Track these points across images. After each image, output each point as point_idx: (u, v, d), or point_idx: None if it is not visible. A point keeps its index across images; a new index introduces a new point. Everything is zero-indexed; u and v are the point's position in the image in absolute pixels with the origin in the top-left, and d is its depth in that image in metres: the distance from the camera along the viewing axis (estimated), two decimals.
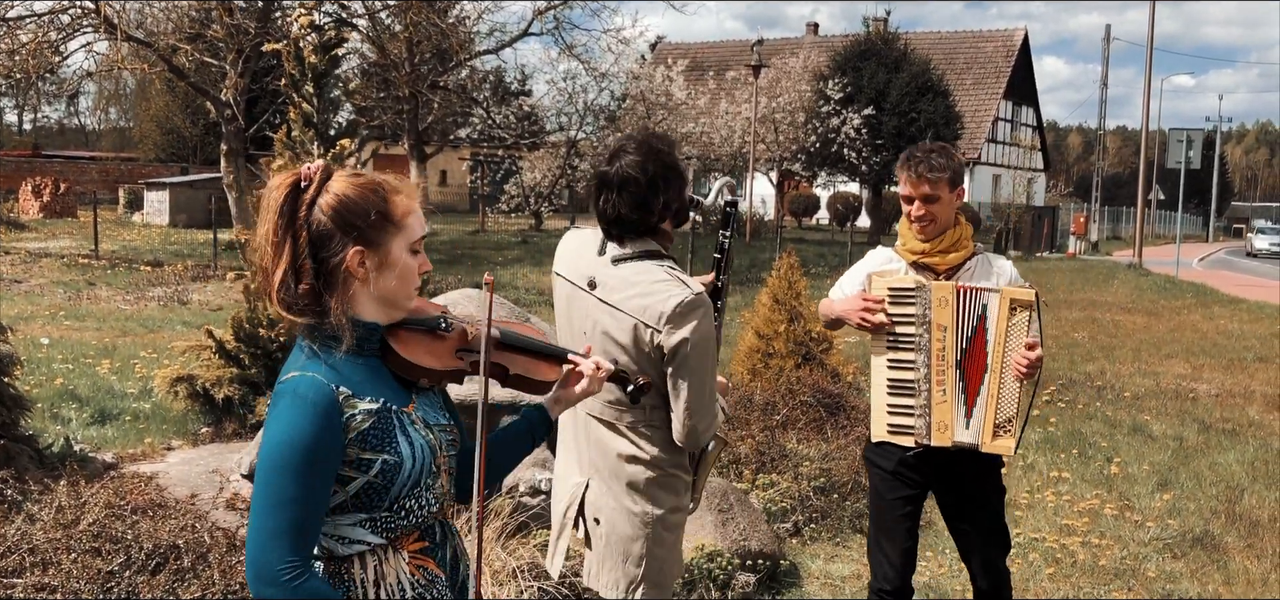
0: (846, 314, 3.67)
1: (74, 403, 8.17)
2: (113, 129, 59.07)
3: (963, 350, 3.52)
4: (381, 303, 2.05)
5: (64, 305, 14.18)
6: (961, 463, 3.63)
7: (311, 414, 1.90)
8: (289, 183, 1.98)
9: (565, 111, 34.04)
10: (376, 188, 2.03)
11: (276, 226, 1.96)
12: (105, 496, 4.61)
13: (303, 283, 1.96)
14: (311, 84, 7.94)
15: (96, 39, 20.86)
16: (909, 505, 3.74)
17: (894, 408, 3.63)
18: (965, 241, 3.65)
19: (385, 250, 2.01)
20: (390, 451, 1.99)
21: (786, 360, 8.33)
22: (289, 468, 1.87)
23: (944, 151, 3.61)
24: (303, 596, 1.86)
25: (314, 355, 1.98)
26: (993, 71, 48.80)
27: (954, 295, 3.50)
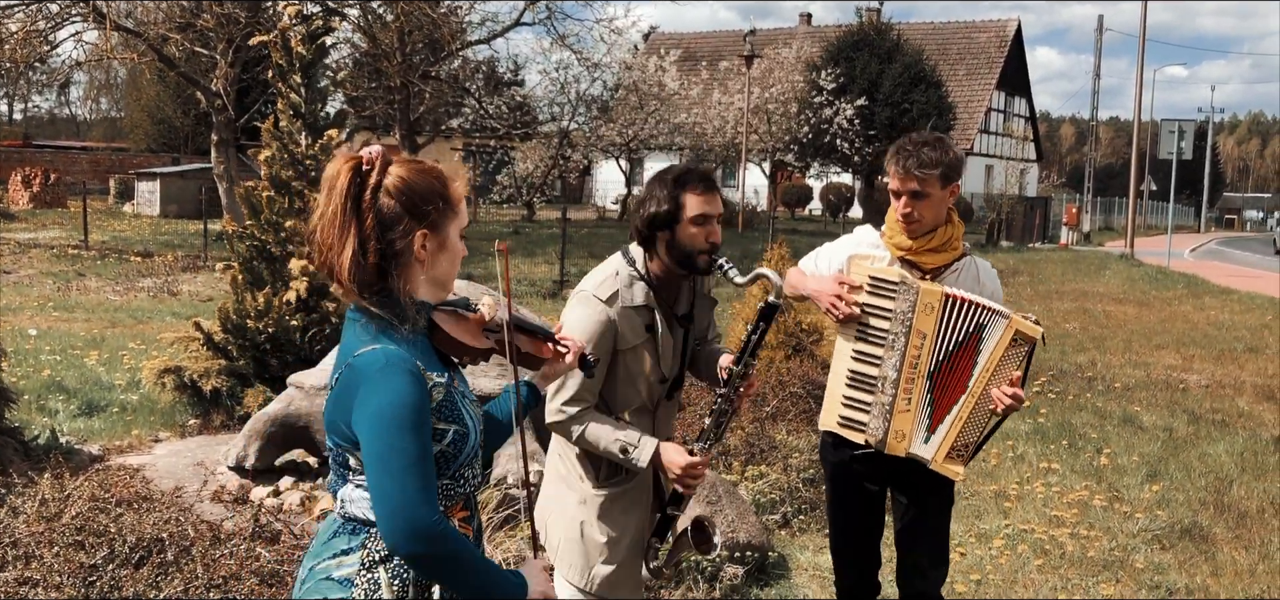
0: (817, 295, 3.42)
1: (61, 394, 8.14)
2: (104, 119, 58.86)
3: (938, 362, 3.28)
4: (435, 284, 2.16)
5: (53, 296, 14.12)
6: (915, 470, 3.41)
7: (411, 379, 2.00)
8: (351, 166, 2.06)
9: (557, 102, 34.01)
10: (437, 174, 2.14)
11: (342, 208, 2.05)
12: (89, 489, 4.59)
13: (370, 261, 2.05)
14: (299, 74, 7.90)
15: (85, 28, 20.75)
16: (869, 502, 3.58)
17: (850, 400, 3.40)
18: (955, 242, 3.42)
19: (444, 233, 2.13)
20: (459, 422, 2.11)
21: (776, 351, 8.32)
22: (410, 427, 1.97)
23: (938, 144, 3.34)
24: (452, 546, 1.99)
25: (377, 333, 2.07)
26: (985, 62, 48.80)
27: (940, 303, 3.26)
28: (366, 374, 2.01)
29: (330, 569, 2.09)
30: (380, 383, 1.99)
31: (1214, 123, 75.25)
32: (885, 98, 34.12)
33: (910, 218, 3.34)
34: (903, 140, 3.41)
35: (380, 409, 1.98)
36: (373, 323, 2.09)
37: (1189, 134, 29.02)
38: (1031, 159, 54.94)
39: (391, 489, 1.96)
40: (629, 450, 2.99)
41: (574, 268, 18.92)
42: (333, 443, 2.12)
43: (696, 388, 7.47)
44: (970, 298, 3.27)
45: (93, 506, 4.38)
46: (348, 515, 2.13)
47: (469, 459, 2.16)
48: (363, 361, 2.03)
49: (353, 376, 2.04)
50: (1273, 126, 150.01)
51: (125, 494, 4.85)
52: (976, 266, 3.48)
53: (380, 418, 1.97)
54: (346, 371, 2.06)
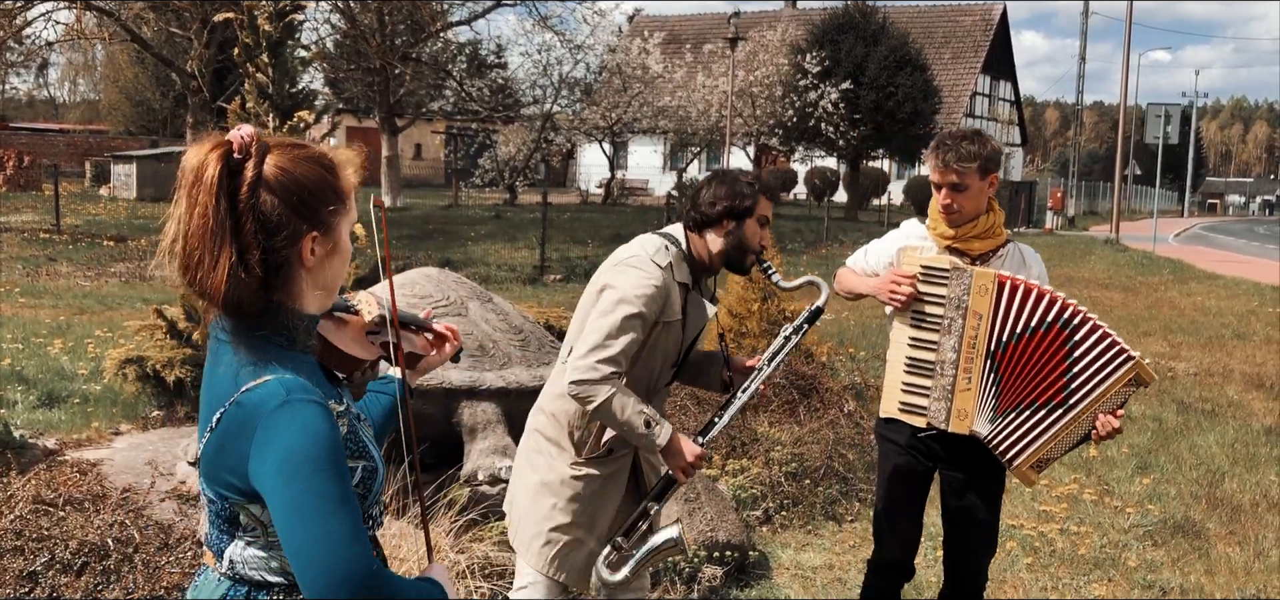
0: (877, 291, 3.54)
1: (20, 385, 7.87)
2: (82, 101, 58.22)
3: (1000, 341, 3.35)
4: (322, 291, 1.81)
5: (20, 282, 13.81)
6: (973, 452, 3.51)
7: (321, 410, 1.65)
8: (220, 155, 1.67)
9: (540, 84, 33.70)
10: (326, 162, 1.78)
11: (213, 210, 1.65)
12: (33, 489, 4.36)
13: (253, 275, 1.67)
14: (267, 53, 7.65)
15: (57, 7, 20.35)
16: (919, 482, 3.66)
17: (909, 386, 3.51)
18: (998, 229, 3.53)
19: (336, 234, 1.79)
20: (367, 457, 1.79)
21: (760, 340, 8.11)
22: (327, 466, 1.61)
23: (977, 138, 3.46)
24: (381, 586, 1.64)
25: (267, 358, 1.69)
26: (971, 46, 48.70)
27: (994, 285, 3.34)
28: (263, 412, 1.64)
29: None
30: (284, 420, 1.62)
31: (1197, 107, 75.41)
32: (870, 81, 33.91)
33: (950, 209, 3.46)
34: (943, 134, 3.52)
35: (290, 452, 1.61)
36: (252, 348, 1.70)
37: (1175, 118, 28.96)
38: (1016, 143, 54.92)
39: (316, 539, 1.59)
40: (652, 425, 2.92)
41: (555, 253, 18.69)
42: (214, 494, 1.74)
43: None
44: (1033, 283, 3.37)
45: (36, 508, 4.15)
46: (239, 577, 1.78)
47: (376, 496, 1.85)
48: (255, 398, 1.65)
49: (243, 416, 1.65)
50: (1255, 111, 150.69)
51: (75, 493, 4.61)
52: (1021, 252, 3.59)
53: (290, 461, 1.61)
54: (233, 410, 1.67)
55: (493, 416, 5.33)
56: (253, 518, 1.73)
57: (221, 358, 1.73)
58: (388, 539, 4.34)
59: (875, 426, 3.77)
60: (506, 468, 5.13)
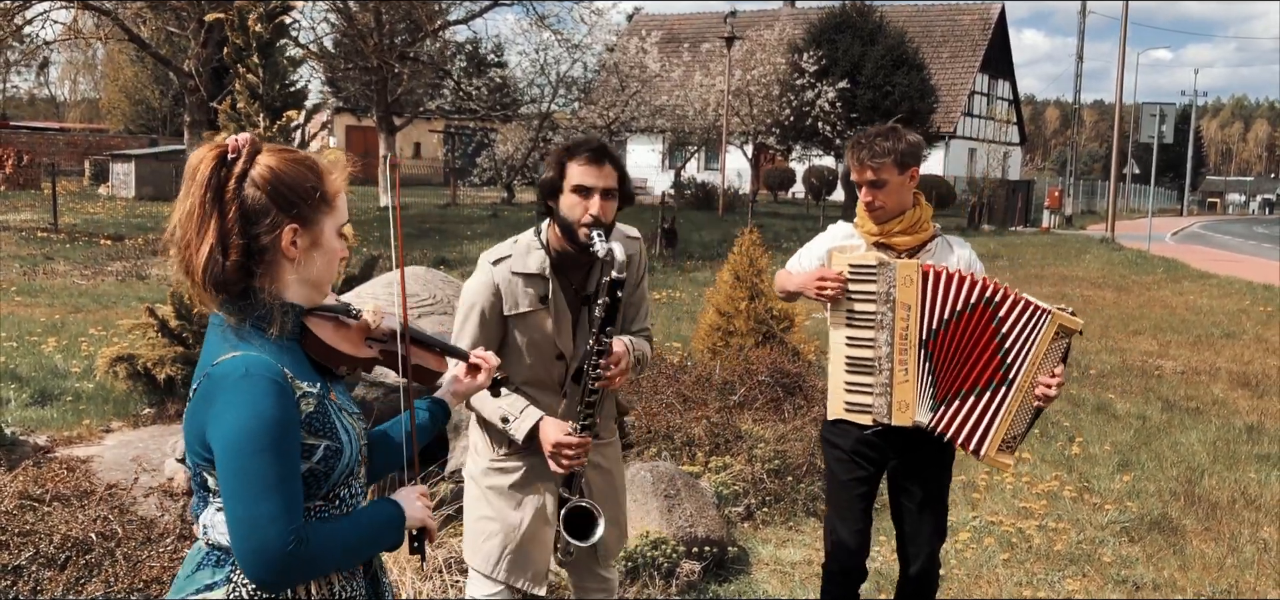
0: (804, 287, 3.59)
1: (13, 383, 7.94)
2: (82, 100, 58.30)
3: (931, 331, 3.42)
4: (307, 285, 1.98)
5: (17, 280, 13.87)
6: (919, 443, 3.57)
7: (274, 390, 1.81)
8: (215, 154, 1.89)
9: (538, 83, 33.76)
10: (311, 164, 1.96)
11: (202, 200, 1.86)
12: (20, 485, 4.43)
13: (230, 258, 1.86)
14: (257, 54, 7.71)
15: (55, 7, 20.42)
16: (865, 485, 3.70)
17: (852, 385, 3.55)
18: (925, 223, 3.59)
19: (318, 230, 1.96)
20: (332, 437, 1.93)
21: (747, 338, 8.19)
22: (268, 446, 1.79)
23: (892, 134, 3.52)
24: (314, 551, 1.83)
25: (242, 338, 1.88)
26: (969, 45, 48.70)
27: (917, 275, 3.41)
28: (224, 384, 1.81)
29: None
30: (237, 395, 1.79)
31: (1198, 106, 75.40)
32: (867, 80, 33.97)
33: (872, 205, 3.54)
34: (859, 133, 3.61)
35: (236, 425, 1.78)
36: (233, 327, 1.89)
37: (1170, 117, 29.00)
38: (1015, 142, 54.94)
39: (242, 515, 1.77)
40: (508, 421, 2.99)
41: None
42: (191, 461, 1.92)
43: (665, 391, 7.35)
44: (955, 269, 3.43)
45: (22, 503, 4.22)
46: (212, 543, 1.94)
47: (344, 476, 1.98)
48: (221, 370, 1.83)
49: (210, 387, 1.84)
50: (1256, 110, 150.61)
51: (62, 489, 4.68)
52: (949, 243, 3.65)
53: (235, 434, 1.78)
54: (204, 381, 1.86)
55: None
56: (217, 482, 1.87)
57: (211, 335, 1.93)
58: None
59: (821, 431, 3.82)
60: None
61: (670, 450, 6.34)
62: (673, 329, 11.60)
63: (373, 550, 2.00)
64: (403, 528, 2.03)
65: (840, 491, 3.72)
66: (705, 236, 22.72)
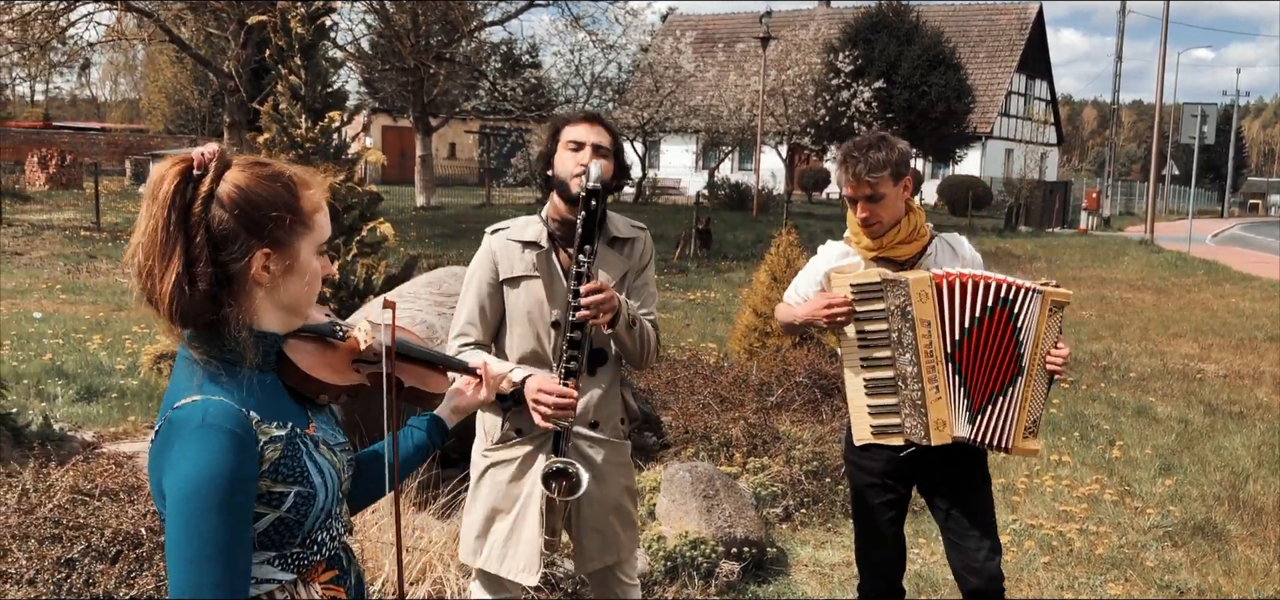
0: (812, 316, 3.42)
1: (60, 379, 8.07)
2: (123, 100, 59.06)
3: (955, 342, 3.27)
4: (283, 311, 1.82)
5: (62, 279, 14.09)
6: (952, 458, 3.44)
7: (229, 442, 1.66)
8: (179, 171, 1.71)
9: (572, 84, 33.82)
10: (285, 180, 1.79)
11: (165, 222, 1.68)
12: (71, 480, 4.50)
13: (198, 288, 1.69)
14: (299, 55, 7.80)
15: (98, 8, 20.70)
16: (896, 508, 3.59)
17: (876, 408, 3.37)
18: (921, 230, 3.46)
19: (293, 252, 1.79)
20: (303, 483, 1.78)
21: (784, 339, 8.18)
22: (215, 507, 1.62)
23: (883, 144, 3.37)
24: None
25: (209, 376, 1.72)
26: (1006, 45, 48.33)
27: (931, 287, 3.26)
28: (180, 431, 1.67)
29: None
30: (191, 445, 1.65)
31: (1240, 106, 74.35)
32: (904, 80, 33.82)
33: (869, 221, 3.40)
34: (848, 146, 3.43)
35: (185, 479, 1.63)
36: (201, 363, 1.73)
37: (1212, 118, 28.64)
38: (1052, 143, 54.45)
39: (186, 582, 1.61)
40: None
41: None
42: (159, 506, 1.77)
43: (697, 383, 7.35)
44: (965, 273, 3.30)
45: (73, 498, 4.29)
46: None
47: (321, 520, 1.84)
48: (179, 416, 1.68)
49: (168, 432, 1.69)
50: None
51: (111, 484, 4.76)
52: (948, 243, 3.54)
53: (185, 488, 1.63)
54: (164, 426, 1.71)
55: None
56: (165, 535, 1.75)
57: (176, 371, 1.78)
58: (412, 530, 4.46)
59: (845, 453, 3.66)
60: None
61: (707, 451, 6.35)
62: (708, 329, 11.61)
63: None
64: None
65: (872, 517, 3.60)
66: (739, 237, 22.69)
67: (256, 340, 1.77)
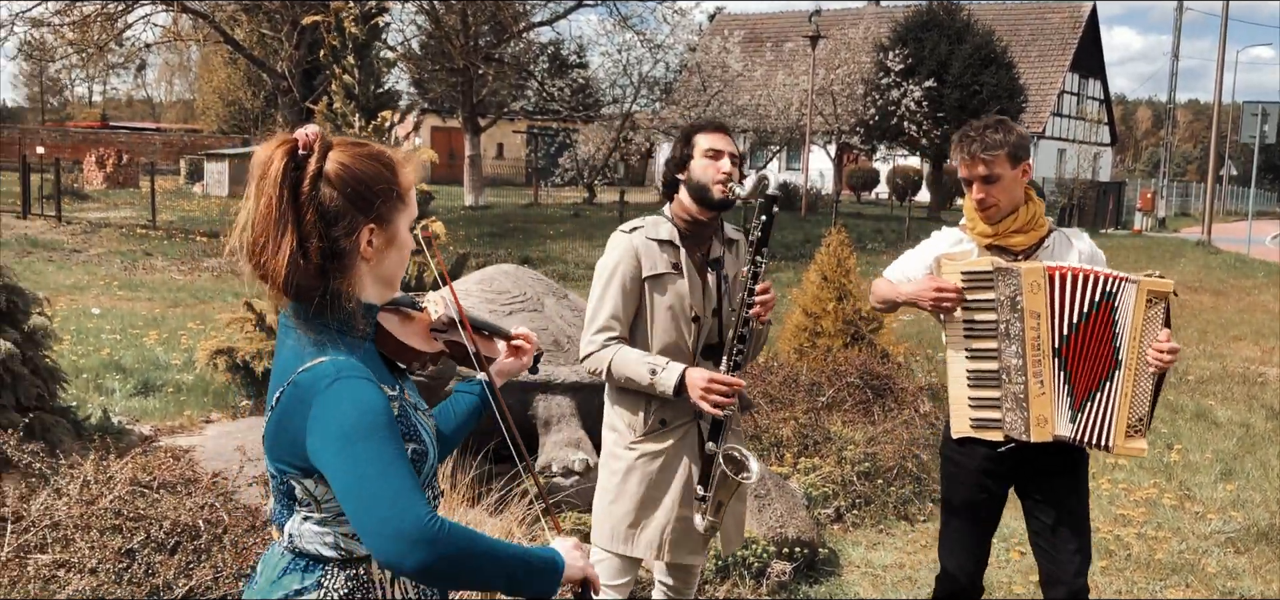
0: (918, 297, 3.35)
1: (118, 374, 8.21)
2: (178, 101, 60.09)
3: (1063, 337, 3.21)
4: (382, 283, 1.93)
5: (119, 275, 14.34)
6: (1050, 459, 3.35)
7: (369, 384, 1.76)
8: (285, 151, 1.80)
9: (619, 84, 33.85)
10: (385, 159, 1.89)
11: (277, 200, 1.78)
12: (130, 472, 4.56)
13: (311, 263, 1.79)
14: (352, 55, 7.87)
15: (155, 10, 21.05)
16: (987, 508, 3.51)
17: (978, 400, 3.32)
18: (1039, 220, 3.35)
19: (394, 227, 1.89)
20: (417, 440, 1.88)
21: (835, 339, 8.12)
22: (380, 430, 1.72)
23: (1001, 126, 3.29)
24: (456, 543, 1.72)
25: (324, 344, 1.81)
26: (1058, 43, 47.65)
27: (1045, 279, 3.19)
28: (317, 390, 1.75)
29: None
30: (336, 395, 1.74)
31: None
32: (954, 79, 33.44)
33: (985, 203, 3.30)
34: (966, 126, 3.35)
35: (342, 422, 1.72)
36: (312, 332, 1.82)
37: (1273, 116, 28.05)
38: (1105, 143, 53.64)
39: (373, 501, 1.69)
40: (656, 371, 3.08)
41: None
42: (275, 470, 1.86)
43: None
44: (1077, 267, 3.23)
45: (133, 490, 4.35)
46: (299, 551, 1.89)
47: (427, 479, 1.93)
48: (310, 377, 1.77)
49: (299, 395, 1.78)
50: None
51: (169, 477, 4.82)
52: (1067, 238, 3.42)
53: (343, 432, 1.71)
54: (290, 390, 1.79)
55: (567, 410, 5.44)
56: (308, 492, 1.84)
57: (285, 341, 1.87)
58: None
59: (942, 447, 3.60)
60: (579, 460, 5.23)
61: (758, 450, 6.32)
62: None
63: (519, 582, 1.83)
64: (559, 575, 1.87)
65: (960, 515, 3.54)
66: (787, 237, 22.57)
67: (364, 310, 1.88)
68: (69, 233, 19.00)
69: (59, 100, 63.19)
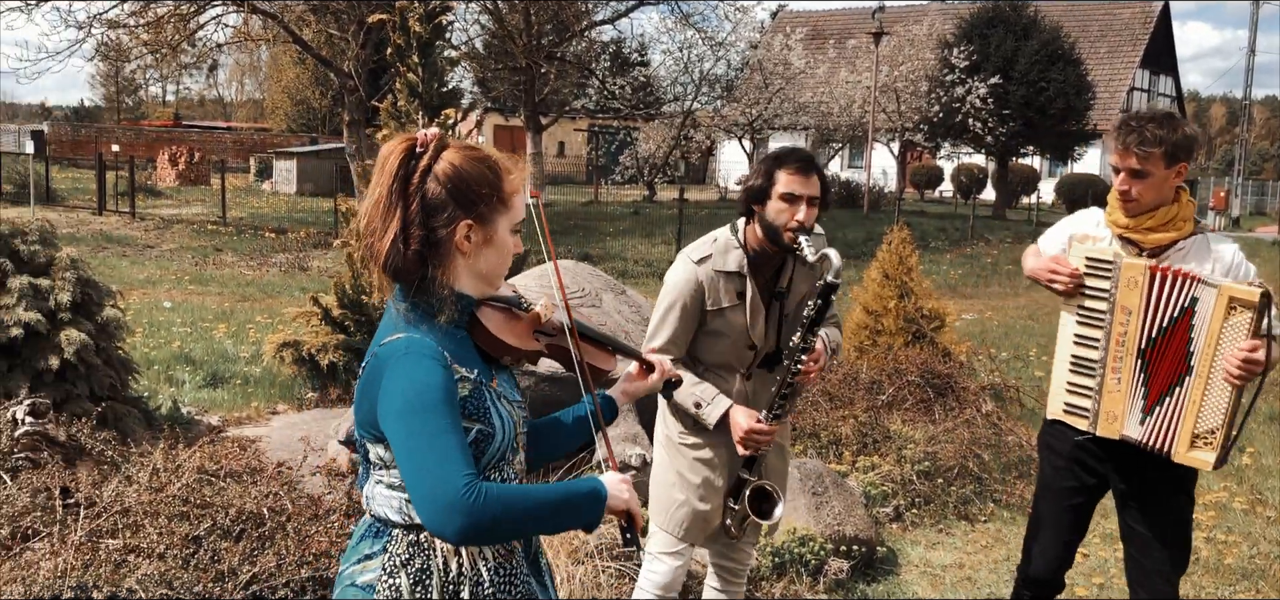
0: (1036, 273, 3.39)
1: (188, 365, 8.40)
2: (248, 100, 61.26)
3: (1150, 339, 3.14)
4: (478, 278, 2.06)
5: (190, 270, 14.67)
6: (1153, 463, 3.26)
7: (434, 361, 1.91)
8: (404, 147, 1.98)
9: (681, 81, 33.84)
10: (491, 164, 2.03)
11: (389, 190, 1.96)
12: (198, 460, 4.67)
13: (410, 248, 1.95)
14: (417, 53, 7.97)
15: (226, 11, 21.47)
16: (1078, 497, 3.45)
17: (1073, 386, 3.32)
18: (1182, 220, 3.21)
19: (493, 227, 2.03)
20: (484, 422, 2.00)
21: (896, 338, 8.05)
22: (433, 405, 1.86)
23: (1167, 121, 3.15)
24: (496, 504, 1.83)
25: (412, 323, 1.99)
26: (1129, 39, 46.71)
27: (1144, 277, 3.13)
28: (389, 361, 1.93)
29: (355, 574, 2.03)
30: (401, 368, 1.90)
31: None
32: (1020, 76, 32.92)
33: (1127, 196, 3.20)
34: (1129, 115, 3.27)
35: (402, 393, 1.88)
36: (404, 313, 2.01)
37: None
38: None
39: (420, 472, 1.84)
40: (701, 406, 3.22)
41: None
42: (359, 434, 2.03)
43: None
44: (1181, 269, 3.12)
45: (200, 478, 4.46)
46: (374, 514, 2.05)
47: (495, 460, 2.04)
48: (386, 350, 1.95)
49: (377, 366, 1.95)
50: None
51: (235, 466, 4.93)
52: (1207, 243, 3.24)
53: (402, 399, 1.88)
54: (371, 362, 1.98)
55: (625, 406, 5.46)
56: (380, 457, 2.00)
57: (384, 320, 2.06)
58: None
59: (1041, 432, 3.56)
60: (636, 454, 5.25)
61: (816, 448, 6.29)
62: None
63: (564, 521, 1.99)
64: (602, 505, 2.01)
65: (1049, 499, 3.49)
66: (850, 235, 22.40)
67: (455, 299, 2.01)
68: (142, 228, 19.46)
69: (134, 100, 64.78)
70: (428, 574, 1.98)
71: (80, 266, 5.91)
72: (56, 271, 5.79)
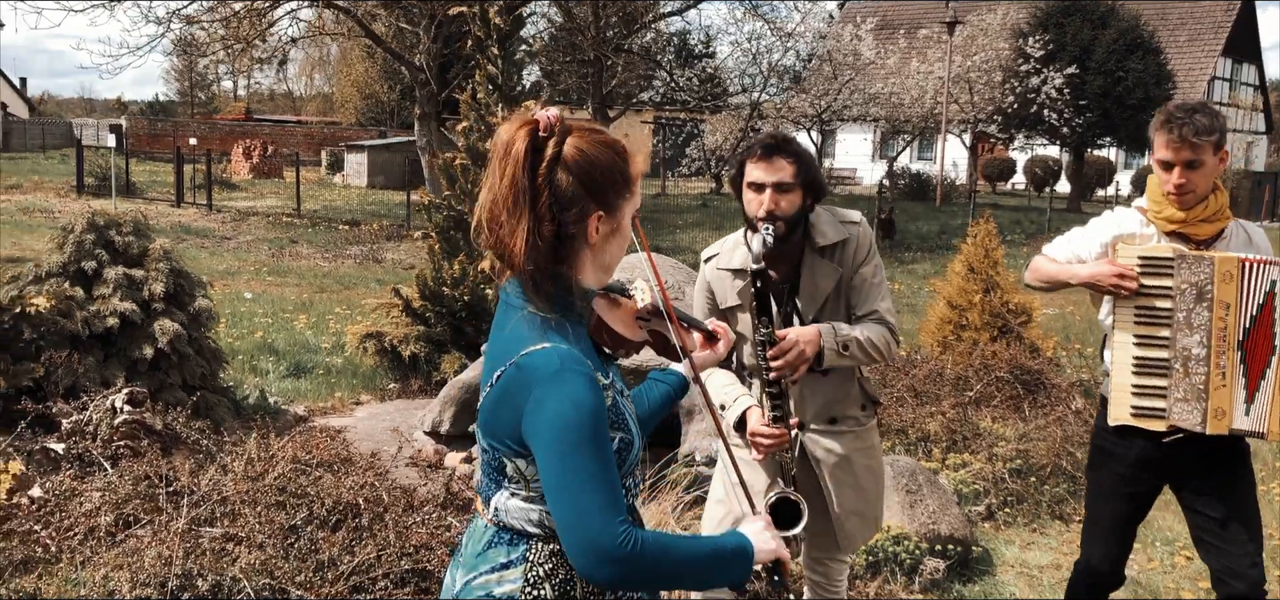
0: (1097, 278, 3.27)
1: (272, 356, 8.50)
2: (318, 95, 62.23)
3: (1245, 329, 3.15)
4: (601, 270, 1.94)
5: (267, 261, 14.89)
6: (1213, 452, 3.27)
7: (588, 384, 1.77)
8: (528, 131, 1.82)
9: (748, 73, 33.64)
10: (618, 148, 1.91)
11: (516, 181, 1.80)
12: (292, 450, 4.70)
13: (544, 243, 1.82)
14: (496, 45, 7.98)
15: (300, 5, 21.76)
16: (1136, 502, 3.43)
17: (1142, 388, 3.25)
18: (1225, 210, 3.27)
19: (620, 216, 1.91)
20: (624, 430, 1.90)
21: (981, 333, 7.88)
22: (590, 439, 1.75)
23: (1208, 110, 3.19)
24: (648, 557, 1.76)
25: (545, 327, 1.84)
26: (1210, 27, 45.48)
27: (1238, 270, 3.12)
28: (539, 377, 1.78)
29: (490, 584, 1.91)
30: (555, 389, 1.76)
31: None
32: (1098, 66, 32.21)
33: (1184, 189, 3.19)
34: (1169, 108, 3.24)
35: (557, 420, 1.75)
36: (538, 314, 1.85)
37: None
38: (1260, 131, 51.02)
39: (572, 511, 1.74)
40: (724, 408, 3.14)
41: None
42: (488, 444, 1.90)
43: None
44: (1264, 258, 3.17)
45: (294, 468, 4.49)
46: (504, 524, 1.93)
47: (632, 467, 1.94)
48: (533, 362, 1.79)
49: (521, 378, 1.80)
50: None
51: (326, 456, 4.96)
52: (1245, 230, 3.33)
53: (557, 430, 1.75)
54: (513, 371, 1.82)
55: None
56: (518, 471, 1.87)
57: (508, 320, 1.89)
58: None
59: (1096, 436, 3.51)
60: (718, 448, 5.19)
61: (904, 445, 6.18)
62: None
63: (713, 579, 1.88)
64: (750, 562, 1.90)
65: (1107, 504, 3.44)
66: (922, 228, 22.12)
67: (584, 295, 1.90)
68: (219, 220, 19.82)
69: (206, 95, 66.14)
70: (571, 584, 1.89)
71: (173, 258, 6.00)
72: (150, 262, 5.88)
